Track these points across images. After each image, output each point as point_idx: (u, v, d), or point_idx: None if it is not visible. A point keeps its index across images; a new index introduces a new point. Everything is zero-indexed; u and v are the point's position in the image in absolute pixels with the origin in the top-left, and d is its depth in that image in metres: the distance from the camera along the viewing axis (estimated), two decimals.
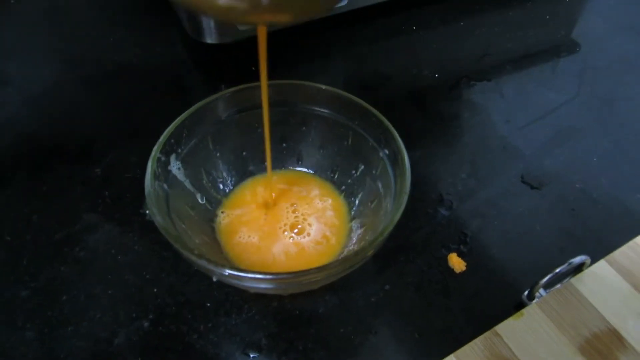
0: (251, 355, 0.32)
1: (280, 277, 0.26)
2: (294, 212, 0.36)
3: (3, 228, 0.37)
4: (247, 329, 0.33)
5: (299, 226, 0.35)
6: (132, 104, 0.48)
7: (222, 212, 0.36)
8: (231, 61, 0.52)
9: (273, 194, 0.36)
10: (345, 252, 0.34)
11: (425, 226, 0.39)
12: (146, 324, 0.32)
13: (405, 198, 0.29)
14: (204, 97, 0.34)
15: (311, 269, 0.26)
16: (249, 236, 0.34)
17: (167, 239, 0.27)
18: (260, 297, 0.34)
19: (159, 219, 0.28)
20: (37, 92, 0.48)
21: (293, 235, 0.35)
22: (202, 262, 0.26)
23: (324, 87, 0.35)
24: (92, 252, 0.36)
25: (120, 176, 0.41)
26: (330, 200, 0.37)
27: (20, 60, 0.52)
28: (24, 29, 0.56)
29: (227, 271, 0.26)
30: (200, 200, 0.35)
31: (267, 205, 0.36)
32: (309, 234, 0.35)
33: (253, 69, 0.49)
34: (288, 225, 0.35)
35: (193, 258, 0.26)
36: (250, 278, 0.26)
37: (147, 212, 0.38)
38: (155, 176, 0.30)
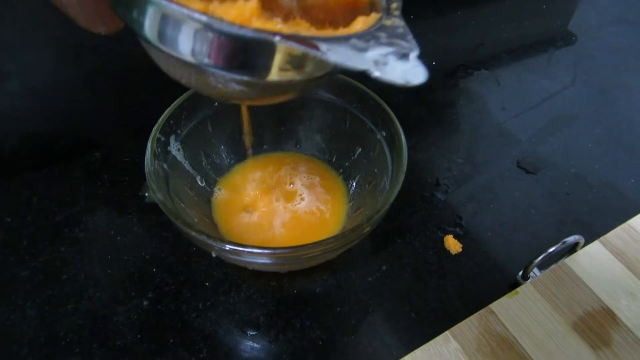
0: (249, 333, 0.32)
1: (278, 251, 0.27)
2: (288, 183, 0.37)
3: (3, 210, 0.37)
4: (246, 307, 0.33)
5: (290, 187, 0.37)
6: (130, 91, 0.48)
7: (218, 189, 0.36)
8: None
9: (270, 174, 0.37)
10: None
11: (421, 209, 0.39)
12: (145, 302, 0.33)
13: (402, 177, 0.30)
14: None
15: (309, 244, 0.26)
16: (246, 212, 0.35)
17: (168, 215, 0.28)
18: (258, 277, 0.34)
19: (159, 196, 0.28)
20: (36, 80, 0.48)
21: (285, 203, 0.36)
22: (202, 238, 0.26)
23: None
24: (92, 233, 0.36)
25: (119, 160, 0.41)
26: (318, 179, 0.37)
27: (19, 50, 0.52)
28: (23, 19, 0.56)
29: (227, 246, 0.26)
30: (200, 183, 0.35)
31: (263, 183, 0.36)
32: (302, 198, 0.36)
33: None
34: (281, 195, 0.36)
35: (193, 234, 0.27)
36: (249, 252, 0.26)
37: (146, 194, 0.39)
38: (155, 155, 0.30)
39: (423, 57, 0.56)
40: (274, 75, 0.20)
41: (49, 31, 0.54)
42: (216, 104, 0.35)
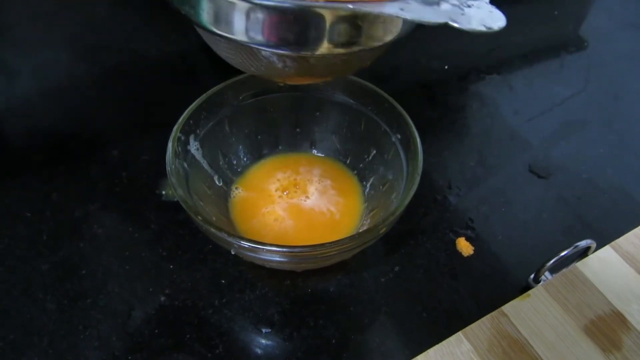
0: (264, 331, 0.32)
1: (296, 250, 0.27)
2: (303, 184, 0.37)
3: (23, 205, 0.38)
4: (261, 305, 0.34)
5: (305, 187, 0.37)
6: (146, 90, 0.49)
7: (235, 188, 0.37)
8: None
9: (286, 174, 0.37)
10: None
11: (434, 212, 0.40)
12: (162, 298, 0.33)
13: (417, 179, 0.30)
14: (215, 85, 0.35)
15: (326, 243, 0.27)
16: (262, 211, 0.35)
17: (189, 213, 0.28)
18: (273, 276, 0.35)
19: (180, 192, 0.29)
20: (53, 80, 0.49)
21: (300, 203, 0.36)
22: (223, 235, 0.27)
23: None
24: (110, 229, 0.37)
25: (136, 158, 0.42)
26: (333, 180, 0.38)
27: (36, 49, 0.53)
28: (39, 18, 0.57)
29: (247, 244, 0.27)
30: (217, 182, 0.36)
31: (279, 183, 0.37)
32: (318, 199, 0.36)
33: None
34: (296, 195, 0.37)
35: (213, 231, 0.27)
36: (268, 250, 0.27)
37: (163, 192, 0.39)
38: (176, 154, 0.31)
39: (434, 61, 0.57)
40: (355, 43, 0.21)
41: (65, 29, 0.55)
42: (238, 101, 0.36)
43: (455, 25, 0.18)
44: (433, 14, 0.18)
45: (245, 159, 0.38)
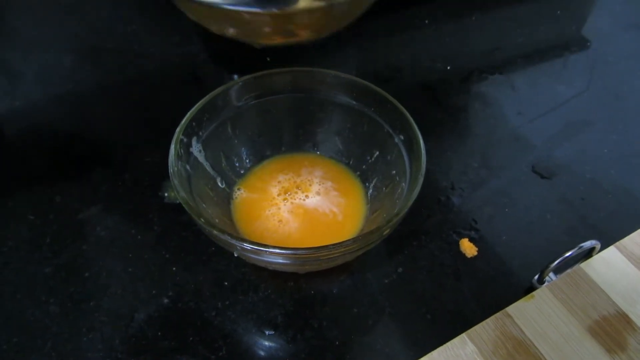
0: (267, 333, 0.32)
1: (299, 252, 0.27)
2: (306, 185, 0.37)
3: (26, 208, 0.38)
4: (264, 307, 0.34)
5: (307, 188, 0.37)
6: (149, 92, 0.49)
7: (238, 189, 0.37)
8: (246, 52, 0.53)
9: (288, 176, 0.37)
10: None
11: (437, 213, 0.40)
12: (165, 300, 0.33)
13: (421, 180, 0.30)
14: (218, 87, 0.35)
15: (329, 245, 0.27)
16: (265, 213, 0.35)
17: (191, 215, 0.28)
18: (276, 277, 0.35)
19: (183, 195, 0.29)
20: (55, 82, 0.49)
21: (302, 204, 0.36)
22: (226, 237, 0.27)
23: (341, 74, 0.36)
24: (113, 231, 0.37)
25: (139, 160, 0.42)
26: (335, 181, 0.38)
27: (38, 51, 0.53)
28: (42, 20, 0.57)
29: (249, 246, 0.26)
30: (220, 184, 0.36)
31: (281, 185, 0.37)
32: (320, 200, 0.36)
33: (268, 59, 0.50)
34: (299, 196, 0.37)
35: (216, 233, 0.27)
36: (270, 252, 0.27)
37: (166, 194, 0.39)
38: (179, 156, 0.31)
39: (436, 62, 0.57)
40: None
41: (67, 31, 0.55)
42: (240, 103, 0.35)
43: None
44: None
45: (247, 161, 0.38)
